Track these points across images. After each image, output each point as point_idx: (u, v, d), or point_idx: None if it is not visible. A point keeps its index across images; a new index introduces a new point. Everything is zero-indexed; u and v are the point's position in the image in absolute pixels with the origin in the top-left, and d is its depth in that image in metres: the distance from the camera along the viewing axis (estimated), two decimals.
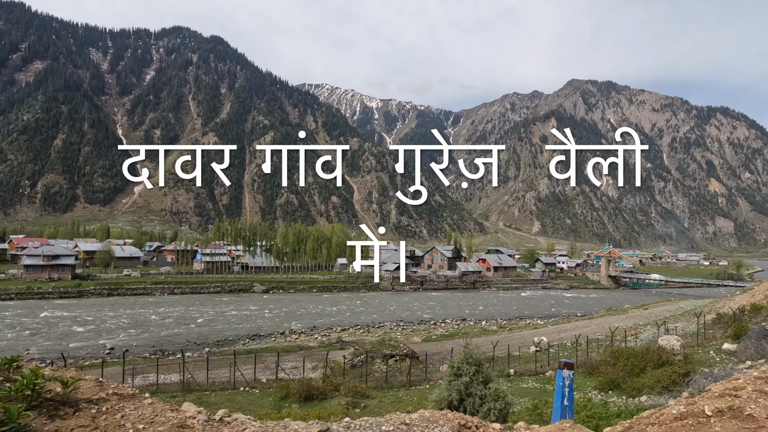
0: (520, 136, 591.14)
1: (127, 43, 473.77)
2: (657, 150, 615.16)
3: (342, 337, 50.55)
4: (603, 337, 35.18)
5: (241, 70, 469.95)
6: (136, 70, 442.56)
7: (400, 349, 32.45)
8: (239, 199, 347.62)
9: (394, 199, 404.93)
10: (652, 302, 74.27)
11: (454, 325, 64.85)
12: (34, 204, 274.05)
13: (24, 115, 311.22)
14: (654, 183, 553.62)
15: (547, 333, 41.82)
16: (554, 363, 26.88)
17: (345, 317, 74.16)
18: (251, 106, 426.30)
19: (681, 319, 37.71)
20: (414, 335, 51.30)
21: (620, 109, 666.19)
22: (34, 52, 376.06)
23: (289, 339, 53.69)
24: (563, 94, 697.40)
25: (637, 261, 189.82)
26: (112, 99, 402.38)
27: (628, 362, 17.51)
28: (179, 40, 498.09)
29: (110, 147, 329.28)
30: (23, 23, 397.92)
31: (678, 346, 19.94)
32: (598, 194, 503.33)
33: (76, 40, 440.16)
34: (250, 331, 60.45)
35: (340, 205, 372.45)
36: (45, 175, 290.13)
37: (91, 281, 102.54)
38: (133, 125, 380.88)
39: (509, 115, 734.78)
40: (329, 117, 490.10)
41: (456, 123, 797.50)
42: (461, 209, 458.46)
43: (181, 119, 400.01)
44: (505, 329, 54.17)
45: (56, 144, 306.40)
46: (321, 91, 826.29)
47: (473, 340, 41.14)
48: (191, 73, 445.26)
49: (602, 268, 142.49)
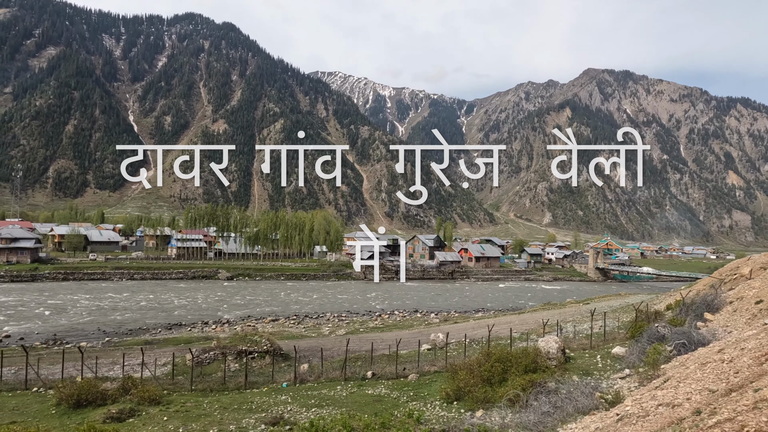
0: (533, 126, 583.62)
1: (139, 29, 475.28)
2: (674, 141, 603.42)
3: (259, 328, 47.78)
4: (515, 333, 32.78)
5: (252, 57, 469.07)
6: (149, 56, 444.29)
7: (261, 345, 30.14)
8: (248, 187, 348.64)
9: (404, 188, 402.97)
10: (599, 296, 70.82)
11: (399, 318, 62.25)
12: (45, 189, 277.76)
13: (37, 101, 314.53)
14: (670, 175, 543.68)
15: (465, 329, 38.86)
16: (426, 365, 25.02)
17: (291, 307, 71.59)
18: (262, 94, 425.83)
19: (611, 316, 35.05)
20: (340, 328, 48.93)
21: (637, 99, 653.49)
22: (47, 38, 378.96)
23: (206, 330, 50.98)
24: (579, 83, 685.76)
25: (639, 253, 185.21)
26: (124, 85, 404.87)
27: (492, 367, 15.56)
28: (191, 27, 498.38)
29: (121, 133, 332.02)
30: (37, 9, 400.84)
31: (555, 350, 18.06)
32: (611, 186, 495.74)
33: (90, 26, 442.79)
34: (177, 320, 58.01)
35: (349, 194, 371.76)
36: (56, 161, 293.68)
37: (50, 265, 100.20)
38: (144, 112, 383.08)
39: (523, 105, 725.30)
40: (340, 105, 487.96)
41: (469, 112, 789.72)
42: (471, 199, 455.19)
43: (192, 106, 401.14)
44: (443, 322, 51.62)
45: (68, 130, 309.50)
46: (334, 79, 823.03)
47: (389, 334, 39.14)
48: (203, 60, 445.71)
49: (590, 259, 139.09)
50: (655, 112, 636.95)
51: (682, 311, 21.84)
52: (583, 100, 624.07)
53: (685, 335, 13.55)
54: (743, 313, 16.32)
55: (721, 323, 16.35)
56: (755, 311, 15.24)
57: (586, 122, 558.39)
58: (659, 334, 15.80)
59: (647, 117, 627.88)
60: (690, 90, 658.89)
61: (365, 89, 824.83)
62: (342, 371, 24.36)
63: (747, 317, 15.08)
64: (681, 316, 20.51)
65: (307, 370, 26.01)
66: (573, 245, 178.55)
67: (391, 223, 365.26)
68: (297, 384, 23.43)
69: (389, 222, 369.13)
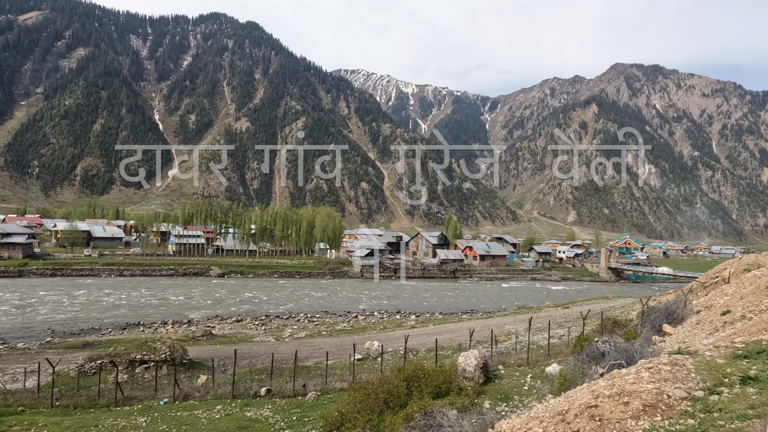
0: (558, 123, 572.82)
1: (165, 29, 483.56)
2: (705, 137, 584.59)
3: (212, 330, 45.21)
4: (464, 342, 29.72)
5: (275, 56, 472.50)
6: (174, 56, 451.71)
7: (159, 352, 27.13)
8: (269, 184, 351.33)
9: (425, 186, 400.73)
10: (583, 299, 65.29)
11: (375, 319, 58.95)
12: (73, 186, 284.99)
13: (66, 101, 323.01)
14: (701, 172, 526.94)
15: (433, 333, 35.86)
16: (336, 380, 22.42)
17: (266, 306, 68.69)
18: (284, 92, 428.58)
19: (578, 323, 31.74)
20: (304, 330, 46.68)
21: (667, 95, 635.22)
22: (77, 40, 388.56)
23: (160, 331, 48.42)
24: (606, 78, 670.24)
25: (661, 253, 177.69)
26: (150, 85, 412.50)
27: (395, 388, 13.19)
28: (216, 26, 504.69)
29: (146, 132, 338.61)
30: (67, 11, 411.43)
31: (472, 368, 15.85)
32: (639, 183, 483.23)
33: (118, 27, 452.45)
34: (138, 319, 55.86)
35: (370, 191, 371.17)
36: (84, 159, 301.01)
37: (41, 261, 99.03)
38: (169, 110, 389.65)
39: (548, 101, 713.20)
40: (362, 102, 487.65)
41: (493, 109, 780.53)
42: (494, 197, 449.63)
43: (216, 104, 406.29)
44: (419, 324, 48.46)
45: (95, 128, 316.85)
46: (356, 76, 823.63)
47: (344, 338, 36.67)
48: (227, 59, 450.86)
49: (602, 259, 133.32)
50: (685, 108, 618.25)
51: (642, 322, 19.53)
52: (611, 95, 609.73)
53: (626, 354, 11.58)
54: (706, 326, 14.17)
55: (680, 337, 14.12)
56: (718, 324, 13.20)
57: (613, 118, 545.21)
58: (598, 351, 13.86)
59: (677, 113, 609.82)
60: (723, 84, 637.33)
61: (388, 87, 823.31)
62: (232, 387, 21.79)
63: (708, 331, 13.09)
64: (641, 328, 18.36)
65: (204, 383, 23.69)
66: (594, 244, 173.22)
67: (412, 220, 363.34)
68: (178, 401, 21.12)
69: (410, 220, 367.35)
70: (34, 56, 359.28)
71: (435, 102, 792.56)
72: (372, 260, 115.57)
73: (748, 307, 13.53)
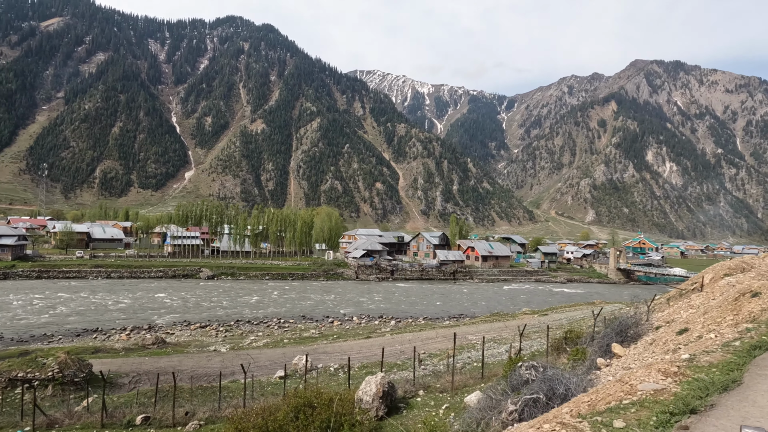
0: (576, 121, 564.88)
1: (183, 33, 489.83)
2: (729, 134, 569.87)
3: (165, 338, 43.15)
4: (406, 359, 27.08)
5: (290, 58, 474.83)
6: (191, 59, 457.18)
7: (47, 369, 23.88)
8: (284, 185, 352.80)
9: (440, 186, 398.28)
10: (565, 305, 60.09)
11: (352, 325, 56.30)
12: (92, 188, 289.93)
13: (86, 105, 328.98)
14: (724, 169, 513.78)
15: (388, 343, 32.85)
16: (227, 406, 19.54)
17: (242, 310, 66.08)
18: (299, 93, 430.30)
19: (543, 335, 28.77)
20: (268, 338, 44.49)
21: (689, 91, 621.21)
22: (97, 45, 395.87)
23: (114, 338, 46.02)
24: (625, 75, 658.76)
25: (678, 252, 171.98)
26: (168, 88, 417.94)
27: (272, 423, 11.02)
28: (232, 29, 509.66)
29: (164, 134, 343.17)
30: (87, 17, 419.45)
31: (370, 397, 13.85)
32: (659, 182, 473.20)
33: (136, 31, 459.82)
34: (99, 324, 53.20)
35: (385, 192, 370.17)
36: (103, 161, 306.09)
37: (30, 262, 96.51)
38: (186, 113, 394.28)
39: (566, 99, 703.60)
40: (377, 103, 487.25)
41: (510, 108, 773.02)
42: (510, 196, 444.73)
43: (232, 107, 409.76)
44: (393, 332, 45.03)
45: (114, 131, 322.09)
46: (372, 77, 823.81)
47: (292, 349, 34.37)
48: (242, 62, 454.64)
49: (611, 259, 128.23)
50: (708, 104, 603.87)
51: (591, 339, 17.00)
52: (630, 92, 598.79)
53: (549, 384, 9.84)
54: (659, 347, 12.07)
55: (628, 361, 11.87)
56: (672, 346, 11.31)
57: (632, 116, 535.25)
58: (522, 379, 11.76)
59: (700, 109, 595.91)
60: (747, 80, 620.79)
61: (403, 87, 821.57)
62: (102, 413, 18.66)
63: (661, 353, 11.20)
64: (589, 347, 16.03)
65: (85, 407, 20.92)
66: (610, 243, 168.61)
67: (427, 221, 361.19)
68: (39, 430, 18.18)
69: (425, 220, 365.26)
70: (55, 61, 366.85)
71: (451, 102, 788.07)
72: (368, 261, 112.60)
73: (709, 325, 11.97)
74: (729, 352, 8.90)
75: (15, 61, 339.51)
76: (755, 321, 10.96)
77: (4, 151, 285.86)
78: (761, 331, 10.03)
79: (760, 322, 10.75)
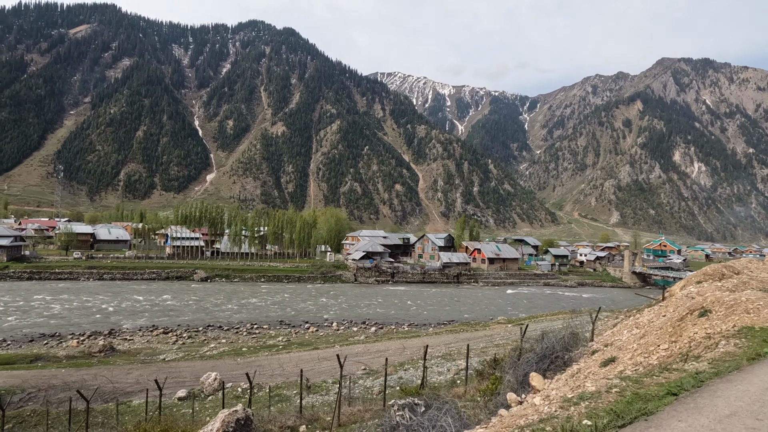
0: (600, 121, 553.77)
1: (206, 38, 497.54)
2: (761, 133, 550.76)
3: (115, 344, 41.23)
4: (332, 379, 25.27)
5: (311, 61, 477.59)
6: (214, 63, 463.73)
7: None
8: (304, 187, 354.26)
9: (460, 188, 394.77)
10: (549, 313, 55.83)
11: (331, 332, 54.27)
12: (117, 191, 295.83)
13: (111, 109, 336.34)
14: (756, 170, 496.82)
15: (350, 353, 30.19)
16: None
17: (221, 315, 64.00)
18: (320, 96, 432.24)
19: (490, 352, 26.44)
20: (227, 345, 42.52)
21: (718, 89, 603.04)
22: (122, 50, 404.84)
23: (61, 344, 43.62)
24: (651, 74, 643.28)
25: (703, 255, 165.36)
26: (191, 92, 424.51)
27: None
28: (254, 34, 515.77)
29: (186, 137, 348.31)
30: (114, 24, 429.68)
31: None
32: (687, 182, 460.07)
33: (161, 37, 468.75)
34: (63, 329, 51.41)
35: (404, 194, 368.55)
36: (127, 164, 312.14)
37: (26, 264, 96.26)
38: (208, 116, 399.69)
39: (590, 99, 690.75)
40: (397, 105, 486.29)
41: (532, 108, 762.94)
42: (532, 198, 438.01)
43: (253, 110, 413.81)
44: (367, 341, 42.97)
45: (138, 135, 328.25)
46: (393, 79, 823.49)
47: (229, 361, 32.52)
48: (264, 65, 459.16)
49: (625, 262, 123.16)
50: (739, 103, 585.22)
51: (512, 365, 13.64)
52: (656, 91, 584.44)
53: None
54: (581, 380, 9.82)
55: (541, 400, 8.89)
56: (593, 384, 8.72)
57: (659, 115, 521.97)
58: (392, 423, 9.73)
59: (730, 108, 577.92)
60: None
61: (424, 88, 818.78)
62: None
63: (571, 392, 8.65)
64: (507, 374, 13.00)
65: None
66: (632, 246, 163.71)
67: (447, 223, 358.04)
68: None
69: (445, 222, 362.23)
70: (82, 67, 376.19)
71: (472, 103, 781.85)
72: (367, 263, 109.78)
73: (639, 355, 9.91)
74: (635, 400, 6.91)
75: (44, 68, 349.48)
76: (689, 354, 8.96)
77: (33, 155, 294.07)
78: (688, 370, 8.01)
79: (694, 357, 8.74)
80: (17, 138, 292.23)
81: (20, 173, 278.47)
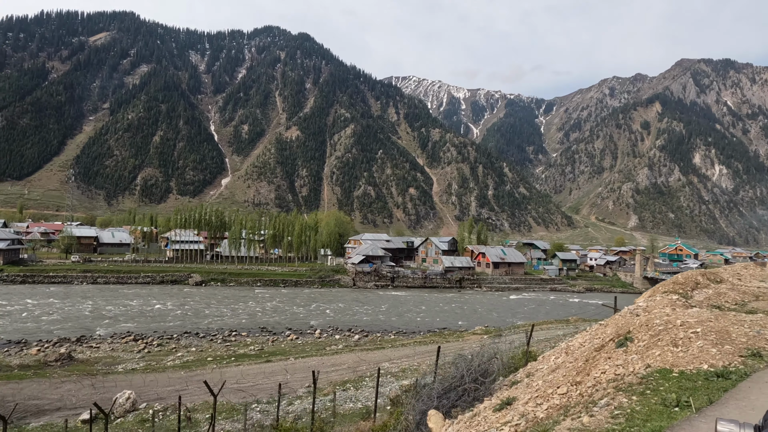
0: (618, 123, 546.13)
1: (222, 44, 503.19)
2: None
3: (77, 353, 39.79)
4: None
5: (326, 65, 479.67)
6: (229, 69, 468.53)
7: None
8: (318, 191, 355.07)
9: (475, 191, 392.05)
10: (543, 321, 52.64)
11: (311, 339, 52.70)
12: (134, 195, 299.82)
13: (129, 114, 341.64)
14: None
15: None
16: None
17: (204, 321, 62.08)
18: (334, 100, 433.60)
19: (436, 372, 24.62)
20: (196, 354, 40.79)
21: (740, 90, 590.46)
22: (140, 57, 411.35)
23: (21, 352, 41.66)
24: (670, 75, 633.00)
25: (722, 260, 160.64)
26: (207, 97, 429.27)
27: None
28: (269, 39, 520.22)
29: (202, 142, 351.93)
30: (132, 31, 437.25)
31: None
32: (708, 185, 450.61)
33: (178, 43, 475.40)
34: (28, 335, 49.80)
35: (418, 197, 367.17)
36: (144, 169, 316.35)
37: (21, 267, 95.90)
38: (224, 121, 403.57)
39: (607, 101, 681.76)
40: (411, 108, 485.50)
41: (548, 111, 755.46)
42: (548, 201, 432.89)
43: (268, 114, 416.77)
44: (344, 350, 41.76)
45: (155, 140, 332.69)
46: (407, 83, 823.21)
47: (180, 374, 31.14)
48: (279, 70, 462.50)
49: (636, 267, 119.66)
50: (762, 104, 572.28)
51: (415, 397, 11.74)
52: (676, 93, 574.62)
53: None
54: (475, 427, 8.14)
55: None
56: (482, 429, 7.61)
57: (678, 117, 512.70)
58: None
59: (752, 109, 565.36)
60: None
61: (439, 92, 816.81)
62: None
63: None
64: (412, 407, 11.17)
65: None
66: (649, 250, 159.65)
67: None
68: None
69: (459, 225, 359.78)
70: (102, 74, 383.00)
71: (487, 106, 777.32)
72: (366, 268, 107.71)
73: (536, 397, 8.09)
74: None
75: (65, 75, 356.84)
76: (588, 401, 6.77)
77: (53, 160, 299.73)
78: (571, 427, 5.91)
79: (584, 410, 6.44)
80: (38, 144, 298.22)
81: (40, 178, 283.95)
